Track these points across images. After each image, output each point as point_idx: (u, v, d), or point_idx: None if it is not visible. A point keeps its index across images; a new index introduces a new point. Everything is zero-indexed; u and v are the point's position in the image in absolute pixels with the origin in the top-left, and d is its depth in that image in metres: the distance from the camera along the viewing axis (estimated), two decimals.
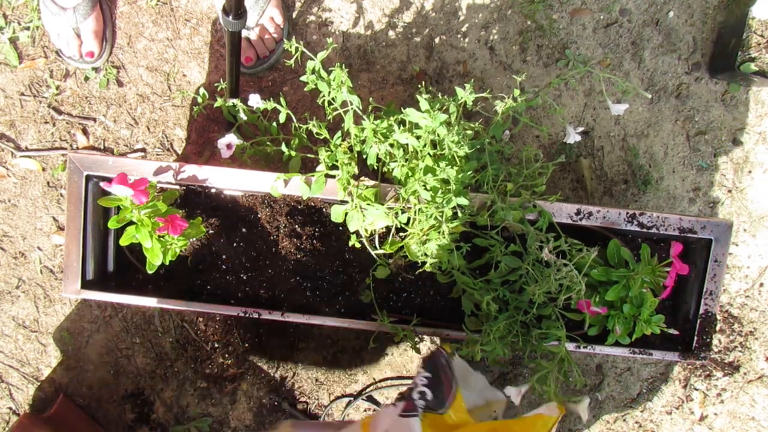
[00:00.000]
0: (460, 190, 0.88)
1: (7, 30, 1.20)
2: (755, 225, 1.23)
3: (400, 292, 1.06)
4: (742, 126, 1.23)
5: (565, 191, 1.22)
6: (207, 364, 1.23)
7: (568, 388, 1.24)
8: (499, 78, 1.21)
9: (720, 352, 1.25)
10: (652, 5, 1.21)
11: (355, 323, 1.03)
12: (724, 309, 1.24)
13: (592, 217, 0.98)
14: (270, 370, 1.24)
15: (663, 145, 1.22)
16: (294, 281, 1.05)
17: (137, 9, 1.21)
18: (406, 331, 0.99)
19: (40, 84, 1.21)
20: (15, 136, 1.22)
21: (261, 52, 1.17)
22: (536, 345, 0.93)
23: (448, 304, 1.06)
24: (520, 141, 1.22)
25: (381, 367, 1.24)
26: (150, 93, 1.22)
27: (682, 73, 1.22)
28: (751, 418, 1.25)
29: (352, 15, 1.21)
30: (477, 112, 1.16)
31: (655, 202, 1.23)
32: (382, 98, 1.21)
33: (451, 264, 0.93)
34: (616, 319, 0.93)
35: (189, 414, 1.24)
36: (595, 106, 1.22)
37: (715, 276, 1.00)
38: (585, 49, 1.21)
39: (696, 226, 0.99)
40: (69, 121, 1.21)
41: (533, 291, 0.86)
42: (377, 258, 1.00)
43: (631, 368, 1.24)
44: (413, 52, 1.21)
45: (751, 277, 1.24)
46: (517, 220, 0.91)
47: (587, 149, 1.22)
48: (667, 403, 1.26)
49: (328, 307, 1.06)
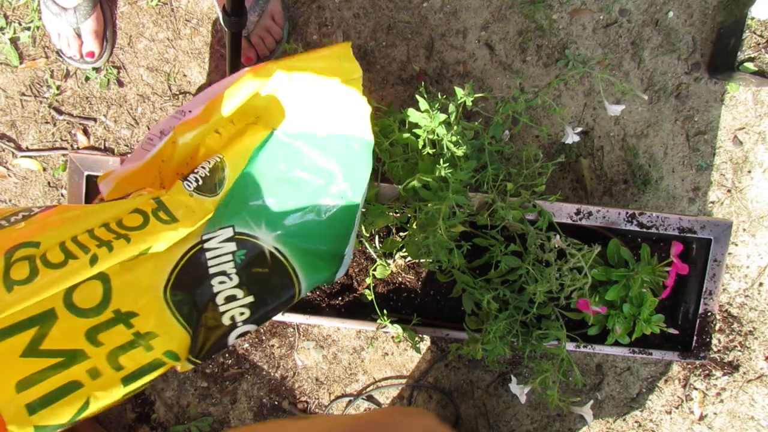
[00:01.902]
0: (460, 190, 0.88)
1: (8, 30, 1.20)
2: (755, 225, 1.23)
3: (400, 292, 1.06)
4: (741, 126, 1.23)
5: (564, 191, 1.22)
6: (207, 364, 1.23)
7: (568, 387, 1.24)
8: (499, 78, 1.22)
9: (719, 351, 1.25)
10: (651, 5, 1.21)
11: (355, 323, 1.03)
12: (724, 309, 1.25)
13: (591, 216, 0.99)
14: (270, 370, 1.24)
15: (663, 145, 1.23)
16: None
17: (138, 9, 1.21)
18: (406, 330, 0.99)
19: (40, 84, 1.21)
20: (16, 137, 1.22)
21: (261, 53, 1.18)
22: (536, 345, 0.93)
23: (448, 303, 1.06)
24: (520, 141, 1.22)
25: (381, 366, 1.24)
26: (150, 93, 1.22)
27: (681, 73, 1.22)
28: (751, 417, 1.25)
29: (352, 15, 1.21)
30: (477, 112, 1.16)
31: (655, 202, 1.23)
32: (382, 98, 1.21)
33: (451, 263, 0.93)
34: (616, 318, 0.93)
35: (189, 414, 1.24)
36: (595, 106, 1.22)
37: (714, 276, 1.00)
38: (585, 49, 1.22)
39: (695, 226, 0.99)
40: (69, 121, 1.22)
41: (533, 290, 0.86)
42: (377, 258, 1.00)
43: (631, 368, 1.25)
44: (413, 52, 1.21)
45: (750, 276, 1.24)
46: (517, 220, 0.92)
47: (587, 149, 1.22)
48: (667, 403, 1.26)
49: (328, 307, 1.06)
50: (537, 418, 1.25)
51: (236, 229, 0.77)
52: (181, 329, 0.71)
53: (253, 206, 0.80)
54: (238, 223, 0.77)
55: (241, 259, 0.76)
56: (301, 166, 0.82)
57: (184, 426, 1.23)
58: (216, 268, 0.74)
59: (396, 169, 0.94)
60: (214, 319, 0.73)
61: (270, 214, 0.81)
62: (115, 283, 0.66)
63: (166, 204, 0.69)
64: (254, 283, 0.76)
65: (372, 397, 1.25)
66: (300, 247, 0.82)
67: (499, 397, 1.24)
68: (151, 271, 0.70)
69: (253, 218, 0.79)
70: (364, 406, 1.25)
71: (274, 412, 1.24)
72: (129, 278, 0.67)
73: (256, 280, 0.77)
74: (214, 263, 0.74)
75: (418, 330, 1.01)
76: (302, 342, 1.23)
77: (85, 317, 0.64)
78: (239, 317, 0.75)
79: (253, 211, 0.79)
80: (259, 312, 0.77)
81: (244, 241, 0.77)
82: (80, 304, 0.64)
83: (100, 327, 0.65)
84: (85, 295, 0.64)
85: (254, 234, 0.78)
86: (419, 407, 1.24)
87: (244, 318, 0.75)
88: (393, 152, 0.94)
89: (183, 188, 0.70)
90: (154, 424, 1.24)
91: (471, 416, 1.24)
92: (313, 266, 0.84)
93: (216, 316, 0.74)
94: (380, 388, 1.24)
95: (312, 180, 0.83)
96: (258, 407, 1.24)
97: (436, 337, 1.21)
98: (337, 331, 1.23)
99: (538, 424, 1.25)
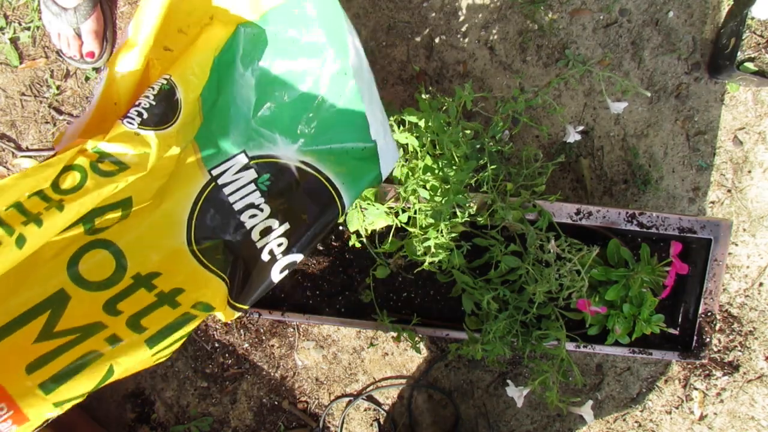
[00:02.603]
0: (460, 190, 0.88)
1: (8, 30, 1.20)
2: (755, 225, 1.23)
3: (400, 292, 1.06)
4: (741, 126, 1.23)
5: (564, 191, 1.22)
6: (207, 364, 1.23)
7: (568, 387, 1.24)
8: (499, 78, 1.22)
9: (719, 351, 1.25)
10: (651, 5, 1.21)
11: (355, 323, 1.03)
12: (724, 308, 1.25)
13: (591, 216, 0.99)
14: (270, 370, 1.24)
15: (663, 145, 1.23)
16: (294, 281, 1.05)
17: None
18: (406, 330, 0.99)
19: (40, 84, 1.21)
20: (16, 136, 1.22)
21: None
22: (536, 345, 0.93)
23: (448, 303, 1.06)
24: (520, 141, 1.22)
25: (381, 366, 1.24)
26: None
27: (681, 73, 1.22)
28: (751, 417, 1.25)
29: (352, 15, 1.21)
30: (477, 112, 1.16)
31: (655, 202, 1.23)
32: (382, 98, 1.21)
33: (451, 263, 0.93)
34: (616, 318, 0.93)
35: (189, 413, 1.24)
36: (595, 106, 1.22)
37: (714, 275, 1.00)
38: (585, 49, 1.22)
39: (695, 226, 0.99)
40: (69, 121, 1.22)
41: (533, 290, 0.86)
42: (377, 258, 1.00)
43: (631, 368, 1.25)
44: (413, 52, 1.21)
45: (750, 276, 1.24)
46: (516, 220, 0.92)
47: (587, 149, 1.22)
48: (667, 403, 1.26)
49: (328, 307, 1.06)
50: (537, 418, 1.25)
51: (249, 154, 0.67)
52: (213, 278, 0.64)
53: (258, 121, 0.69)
54: (249, 146, 0.68)
55: (266, 185, 0.68)
56: (284, 54, 0.69)
57: (184, 426, 1.23)
58: (241, 203, 0.67)
59: (396, 170, 0.94)
60: (252, 258, 0.66)
61: (279, 122, 0.70)
62: (123, 245, 0.60)
63: (107, 151, 0.59)
64: (288, 208, 0.68)
65: (372, 397, 1.25)
66: (328, 152, 0.71)
67: (499, 397, 1.24)
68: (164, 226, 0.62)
69: (262, 135, 0.68)
70: (364, 406, 1.25)
71: (273, 412, 1.24)
72: (138, 238, 0.60)
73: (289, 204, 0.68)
74: (237, 197, 0.66)
75: (418, 330, 1.01)
76: (302, 342, 1.23)
77: (100, 290, 0.59)
78: (277, 249, 0.67)
79: (258, 127, 0.69)
80: (300, 239, 0.68)
81: (264, 164, 0.68)
82: (90, 277, 0.58)
83: (119, 296, 0.60)
84: (93, 265, 0.58)
85: (272, 153, 0.69)
86: (418, 407, 1.24)
87: (282, 249, 0.68)
88: None
89: (123, 127, 0.59)
90: (154, 424, 1.24)
91: (471, 416, 1.24)
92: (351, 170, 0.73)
93: (254, 254, 0.66)
94: (380, 388, 1.24)
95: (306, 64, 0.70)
96: (258, 407, 1.24)
97: (436, 337, 1.21)
98: (337, 331, 1.23)
99: (538, 424, 1.25)
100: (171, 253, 0.63)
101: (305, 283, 1.05)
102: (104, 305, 0.60)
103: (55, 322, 0.57)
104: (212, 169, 0.66)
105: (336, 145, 0.72)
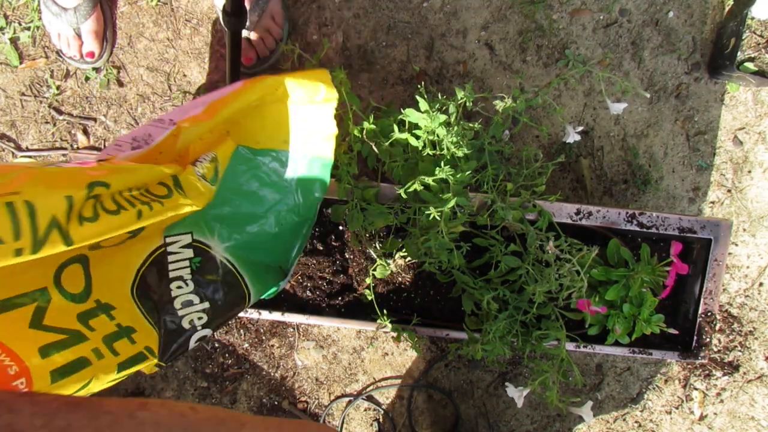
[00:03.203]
0: (460, 190, 0.88)
1: (8, 30, 1.20)
2: (755, 225, 1.23)
3: (400, 292, 1.06)
4: (741, 126, 1.23)
5: (564, 191, 1.22)
6: (207, 364, 1.23)
7: (568, 387, 1.24)
8: (499, 78, 1.22)
9: (719, 351, 1.25)
10: (651, 5, 1.21)
11: (355, 323, 1.03)
12: (724, 309, 1.25)
13: (591, 216, 0.99)
14: (270, 370, 1.24)
15: (663, 145, 1.23)
16: (294, 280, 1.05)
17: (138, 9, 1.21)
18: (406, 330, 0.99)
19: (40, 84, 1.21)
20: (16, 136, 1.22)
21: (261, 53, 1.18)
22: (536, 345, 0.93)
23: (448, 303, 1.06)
24: (520, 141, 1.22)
25: (381, 366, 1.24)
26: (150, 93, 1.22)
27: (681, 73, 1.22)
28: (751, 417, 1.25)
29: (352, 15, 1.21)
30: (477, 112, 1.16)
31: (655, 202, 1.23)
32: (382, 98, 1.21)
33: (451, 263, 0.93)
34: (616, 318, 0.93)
35: None
36: (595, 106, 1.22)
37: (714, 276, 1.00)
38: (585, 49, 1.22)
39: (695, 226, 0.99)
40: (69, 121, 1.22)
41: (533, 290, 0.86)
42: (377, 258, 1.00)
43: (631, 368, 1.25)
44: (413, 52, 1.21)
45: (750, 276, 1.24)
46: (516, 220, 0.92)
47: (587, 149, 1.22)
48: (667, 403, 1.26)
49: (328, 307, 1.06)
50: (537, 418, 1.25)
51: (194, 237, 0.79)
52: (151, 328, 0.73)
53: (211, 216, 0.82)
54: (196, 231, 0.79)
55: (196, 265, 0.78)
56: (260, 181, 0.86)
57: None
58: (174, 273, 0.76)
59: (396, 170, 0.94)
60: (173, 323, 0.76)
61: (224, 224, 0.83)
62: (93, 270, 0.67)
63: (181, 182, 0.71)
64: (208, 290, 0.79)
65: (372, 397, 1.25)
66: (248, 259, 0.85)
67: (499, 397, 1.24)
68: (123, 266, 0.71)
69: (209, 227, 0.82)
70: (364, 406, 1.25)
71: (273, 412, 1.24)
72: (105, 268, 0.68)
73: (210, 287, 0.80)
74: (173, 267, 0.76)
75: (418, 330, 1.01)
76: (302, 342, 1.23)
77: (73, 302, 0.65)
78: (198, 321, 0.78)
79: (210, 221, 0.82)
80: (216, 318, 0.80)
81: (199, 248, 0.79)
82: (68, 287, 0.65)
83: (88, 313, 0.66)
84: (71, 276, 0.65)
85: (208, 243, 0.81)
86: (418, 407, 1.24)
87: (202, 323, 0.78)
88: (393, 152, 0.94)
89: (194, 172, 0.73)
90: None
91: (471, 416, 1.24)
92: (260, 278, 0.87)
93: (175, 320, 0.76)
94: (380, 388, 1.24)
95: (269, 194, 0.87)
96: (258, 407, 1.24)
97: (436, 337, 1.21)
98: (337, 331, 1.23)
99: (538, 424, 1.25)
100: (121, 292, 0.72)
101: (305, 283, 1.05)
102: (78, 317, 0.66)
103: (42, 315, 0.63)
104: (168, 236, 0.76)
105: (258, 258, 0.87)
